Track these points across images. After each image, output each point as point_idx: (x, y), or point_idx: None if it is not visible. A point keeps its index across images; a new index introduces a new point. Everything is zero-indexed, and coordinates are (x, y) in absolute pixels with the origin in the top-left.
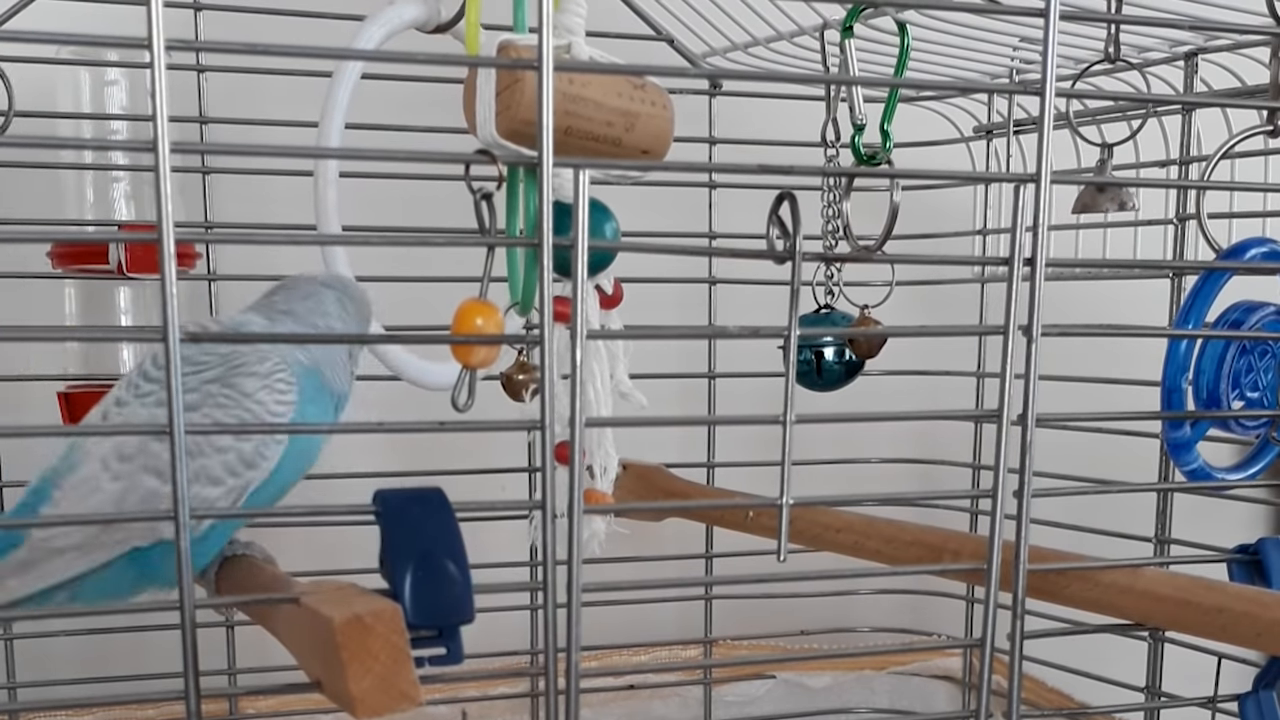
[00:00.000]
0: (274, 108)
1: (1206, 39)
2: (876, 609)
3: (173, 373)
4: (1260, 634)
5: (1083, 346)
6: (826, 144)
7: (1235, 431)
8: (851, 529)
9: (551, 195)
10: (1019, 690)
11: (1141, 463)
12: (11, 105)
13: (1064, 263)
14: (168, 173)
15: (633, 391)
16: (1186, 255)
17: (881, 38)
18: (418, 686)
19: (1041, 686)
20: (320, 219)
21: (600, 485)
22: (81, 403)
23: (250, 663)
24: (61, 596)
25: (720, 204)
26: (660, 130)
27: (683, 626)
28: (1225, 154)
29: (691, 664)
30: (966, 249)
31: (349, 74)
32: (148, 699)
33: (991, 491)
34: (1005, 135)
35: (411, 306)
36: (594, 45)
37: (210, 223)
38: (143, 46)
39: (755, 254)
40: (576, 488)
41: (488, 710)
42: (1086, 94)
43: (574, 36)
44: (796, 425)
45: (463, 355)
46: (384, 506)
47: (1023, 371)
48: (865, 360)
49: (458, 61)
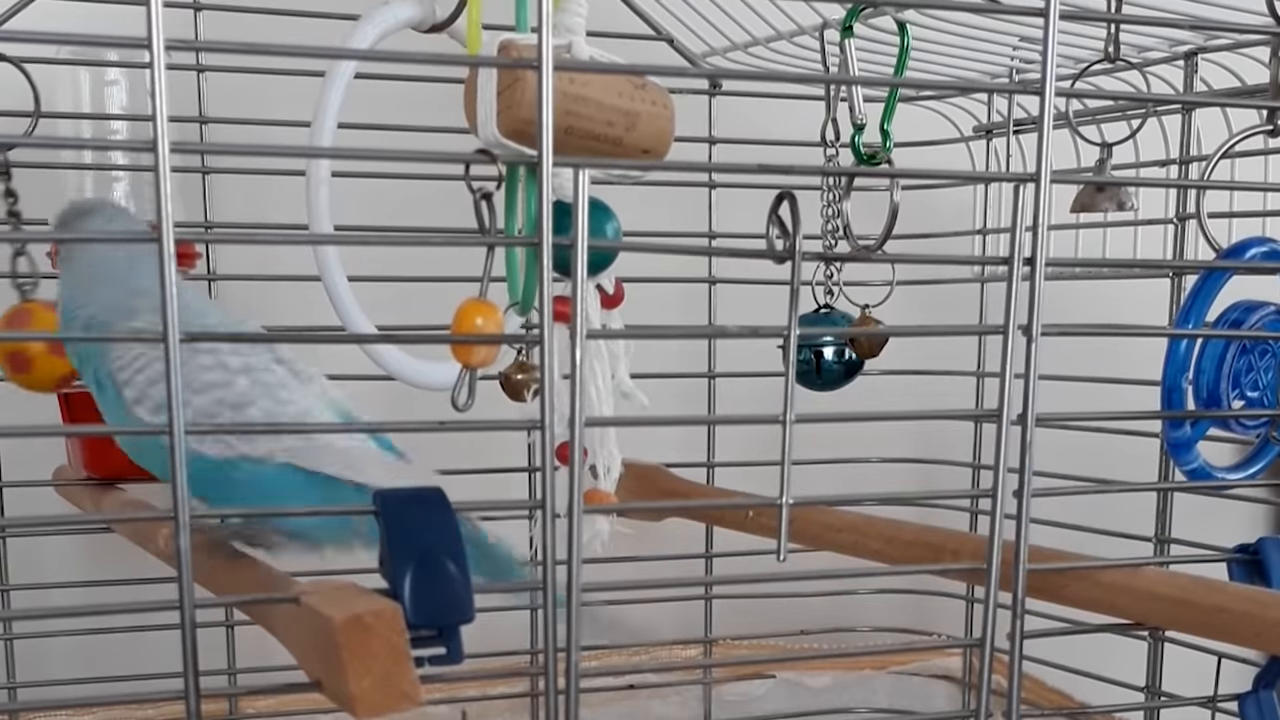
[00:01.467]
0: (274, 108)
1: (1206, 39)
2: (876, 609)
3: (173, 372)
4: (1260, 634)
5: (1083, 346)
6: (826, 144)
7: (1235, 431)
8: (851, 529)
9: (551, 195)
10: (1019, 690)
11: (1141, 463)
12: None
13: (1064, 262)
14: (168, 173)
15: (634, 391)
16: (1186, 255)
17: (881, 38)
18: (418, 686)
19: (1041, 686)
20: (312, 219)
21: (603, 485)
22: (81, 403)
23: (250, 663)
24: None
25: (720, 204)
26: (661, 130)
27: (683, 626)
28: (1225, 154)
29: (691, 664)
30: (966, 249)
31: (341, 74)
32: (147, 699)
33: (991, 491)
34: (1005, 135)
35: (411, 306)
36: (594, 45)
37: (210, 223)
38: (143, 46)
39: (755, 254)
40: (577, 488)
41: (488, 710)
42: (1086, 94)
43: (574, 36)
44: (796, 425)
45: (463, 355)
46: (384, 506)
47: (1023, 371)
48: (865, 360)
49: (458, 61)
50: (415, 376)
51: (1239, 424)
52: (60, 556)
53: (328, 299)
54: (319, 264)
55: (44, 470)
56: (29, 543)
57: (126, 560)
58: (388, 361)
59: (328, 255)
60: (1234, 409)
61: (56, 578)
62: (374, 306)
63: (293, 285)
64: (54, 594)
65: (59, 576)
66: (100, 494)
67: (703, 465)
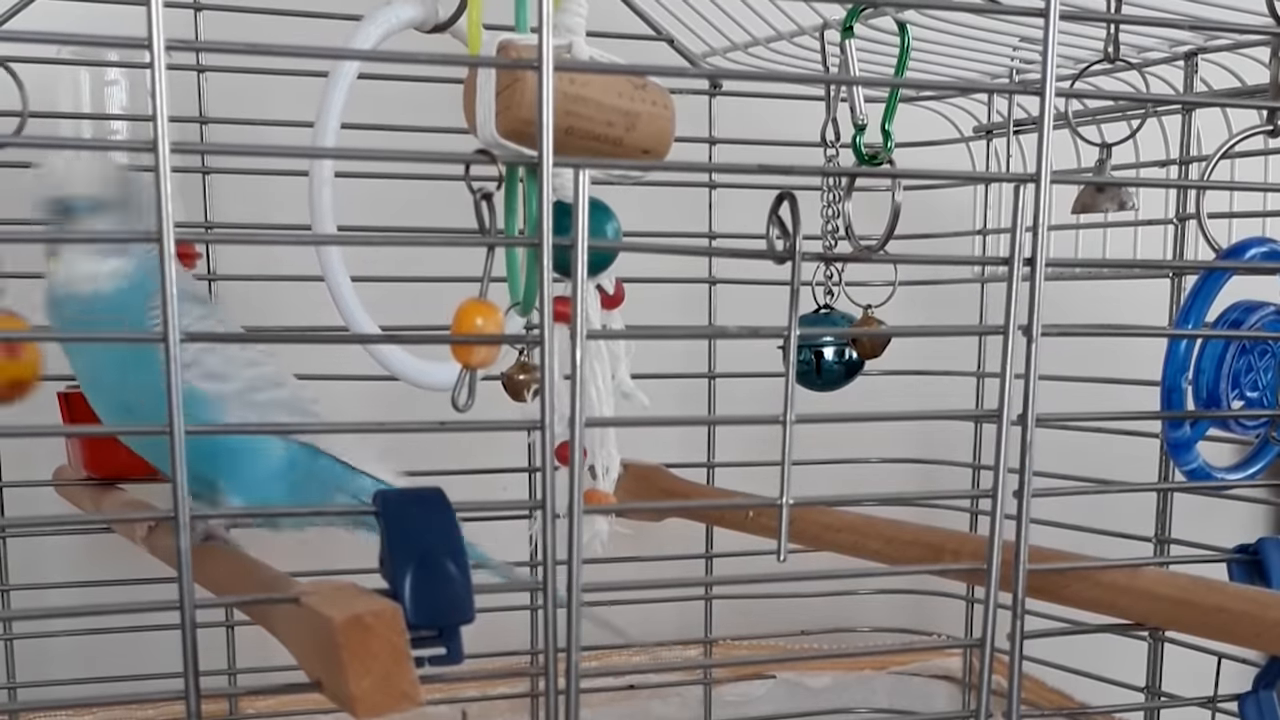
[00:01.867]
0: (274, 108)
1: (1206, 39)
2: (876, 609)
3: (173, 372)
4: (1260, 634)
5: (1083, 346)
6: (826, 144)
7: (1235, 431)
8: (851, 529)
9: (552, 195)
10: (1019, 690)
11: (1141, 463)
12: (25, 105)
13: (1064, 263)
14: (168, 173)
15: (635, 391)
16: (1186, 255)
17: (881, 38)
18: (418, 686)
19: (1041, 686)
20: (315, 219)
21: (602, 485)
22: (81, 403)
23: (250, 663)
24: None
25: (720, 204)
26: (661, 130)
27: (683, 626)
28: (1225, 154)
29: (691, 664)
30: (966, 249)
31: (344, 75)
32: (147, 699)
33: (991, 491)
34: (1005, 135)
35: (411, 306)
36: (594, 45)
37: (210, 223)
38: (143, 46)
39: (755, 254)
40: (577, 488)
41: (488, 710)
42: (1086, 94)
43: (574, 36)
44: (796, 425)
45: (463, 355)
46: (384, 506)
47: (1023, 371)
48: (865, 360)
49: (458, 61)
50: (417, 376)
51: (1239, 424)
52: (60, 556)
53: (329, 299)
54: (322, 264)
55: (44, 470)
56: (29, 543)
57: (126, 560)
58: (390, 361)
59: (331, 255)
60: (1234, 409)
61: (56, 578)
62: (374, 306)
63: (293, 285)
64: (54, 594)
65: (59, 576)
66: (100, 494)
67: (703, 465)
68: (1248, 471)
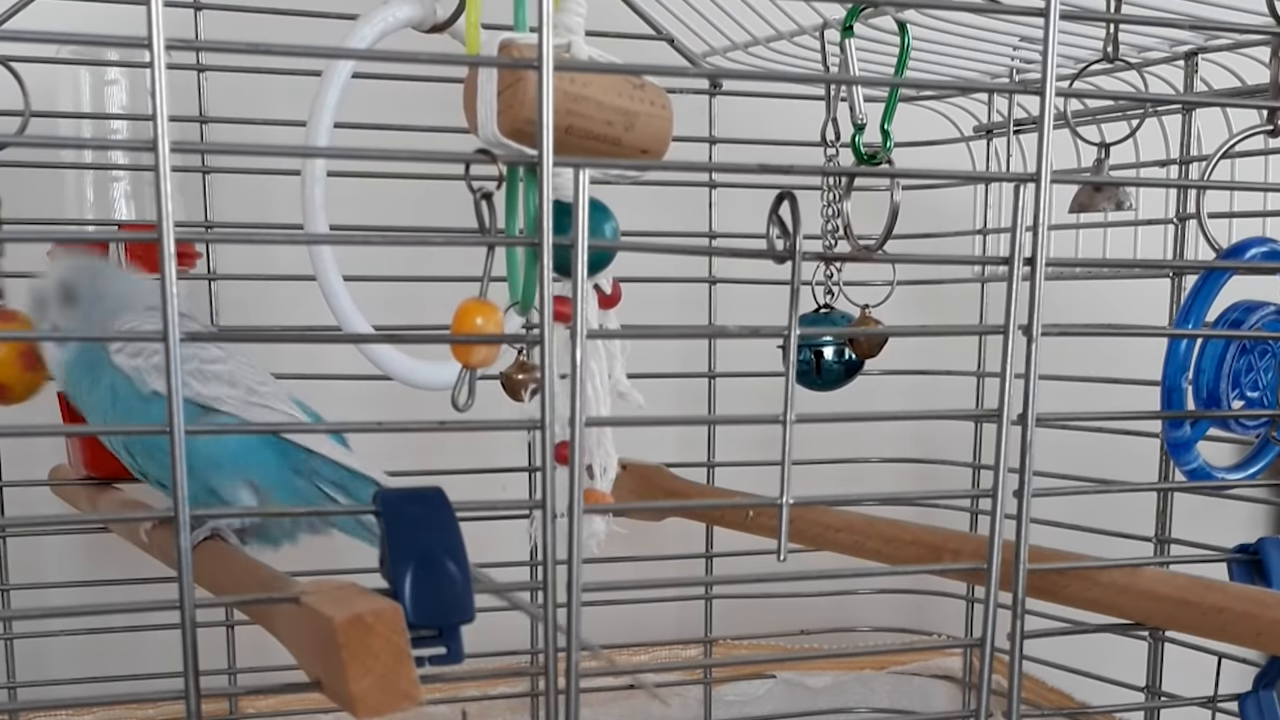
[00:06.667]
0: (274, 107)
1: (1206, 39)
2: (876, 609)
3: (173, 372)
4: (1260, 634)
5: (1083, 346)
6: (827, 144)
7: (1235, 431)
8: (851, 529)
9: (552, 195)
10: (1019, 690)
11: (1141, 463)
12: (28, 105)
13: (1064, 262)
14: (168, 172)
15: (630, 391)
16: (1186, 255)
17: (881, 38)
18: (418, 686)
19: (1041, 686)
20: (307, 218)
21: (600, 485)
22: None
23: (250, 662)
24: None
25: (720, 204)
26: (659, 130)
27: (683, 626)
28: (1225, 154)
29: (691, 664)
30: (966, 249)
31: (338, 74)
32: (147, 699)
33: (991, 491)
34: (1005, 135)
35: (412, 306)
36: (594, 45)
37: (210, 222)
38: (143, 46)
39: (755, 254)
40: (576, 488)
41: (488, 710)
42: (1086, 93)
43: (574, 36)
44: (796, 425)
45: (463, 355)
46: (384, 506)
47: (1023, 371)
48: (865, 360)
49: (458, 61)
50: (411, 376)
51: (1239, 424)
52: (60, 556)
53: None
54: (314, 263)
55: (44, 470)
56: (29, 543)
57: (126, 560)
58: (384, 361)
59: (323, 255)
60: (1234, 409)
61: (56, 578)
62: (374, 306)
63: (292, 285)
64: (54, 594)
65: (59, 576)
66: (98, 493)
67: (703, 465)
68: (1248, 471)
